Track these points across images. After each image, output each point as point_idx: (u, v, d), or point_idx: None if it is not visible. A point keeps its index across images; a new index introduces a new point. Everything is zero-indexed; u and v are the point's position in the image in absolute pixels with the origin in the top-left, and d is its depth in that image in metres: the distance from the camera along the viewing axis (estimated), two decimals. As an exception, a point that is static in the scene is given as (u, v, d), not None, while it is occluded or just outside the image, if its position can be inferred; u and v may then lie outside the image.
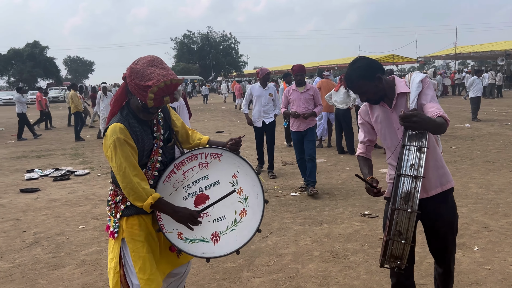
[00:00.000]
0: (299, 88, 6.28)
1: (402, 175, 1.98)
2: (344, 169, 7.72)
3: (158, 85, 2.15)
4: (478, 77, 14.59)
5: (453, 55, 37.01)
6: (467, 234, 4.39)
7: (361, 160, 2.75)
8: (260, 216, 2.46)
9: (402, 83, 2.50)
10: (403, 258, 2.04)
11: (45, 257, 4.30)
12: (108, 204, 2.48)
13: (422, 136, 2.09)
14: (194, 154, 2.51)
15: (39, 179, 7.97)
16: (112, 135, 2.25)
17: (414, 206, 1.94)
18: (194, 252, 2.46)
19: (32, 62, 56.94)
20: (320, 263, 3.90)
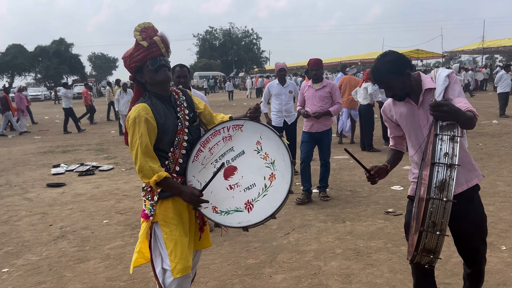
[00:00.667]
0: (315, 85, 5.70)
1: (436, 164, 1.92)
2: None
3: (135, 30, 2.39)
4: (507, 72, 14.18)
5: (480, 50, 36.09)
6: (494, 233, 4.28)
7: (390, 151, 2.81)
8: (290, 178, 2.45)
9: (429, 79, 2.46)
10: (437, 252, 1.97)
11: (71, 250, 4.40)
12: (144, 189, 2.54)
13: (454, 127, 2.05)
14: (217, 130, 2.59)
15: (65, 174, 8.15)
16: (135, 111, 2.36)
17: (450, 195, 1.88)
18: (230, 223, 2.50)
19: (58, 59, 58.23)
20: (343, 260, 3.87)
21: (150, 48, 2.38)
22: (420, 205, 2.30)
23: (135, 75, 2.50)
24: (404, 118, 2.53)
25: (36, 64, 60.39)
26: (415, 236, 2.11)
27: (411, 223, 2.47)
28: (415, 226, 2.26)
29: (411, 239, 2.35)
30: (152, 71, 2.42)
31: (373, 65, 2.47)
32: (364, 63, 45.38)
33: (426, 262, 2.06)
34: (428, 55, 43.29)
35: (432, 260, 2.03)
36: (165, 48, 2.45)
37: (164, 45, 2.43)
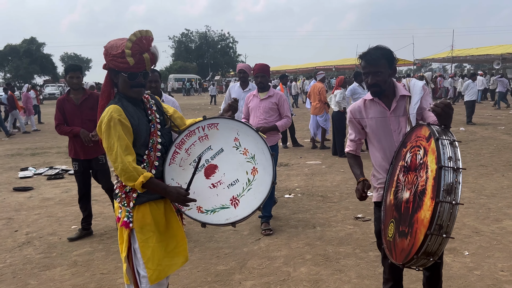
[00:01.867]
0: (260, 94, 4.91)
1: (443, 167, 1.94)
2: (338, 172, 7.74)
3: (130, 38, 2.23)
4: (473, 80, 14.68)
5: (450, 58, 37.18)
6: (458, 239, 4.41)
7: (351, 158, 2.83)
8: (272, 170, 2.51)
9: (402, 87, 2.57)
10: (436, 254, 1.99)
11: (36, 257, 4.30)
12: (118, 196, 2.47)
13: (448, 132, 2.11)
14: (192, 130, 2.56)
15: (33, 178, 7.95)
16: (107, 114, 2.28)
17: (457, 198, 1.90)
18: (218, 221, 2.49)
19: (29, 58, 56.81)
20: (312, 266, 3.91)
21: (135, 65, 2.28)
22: (396, 209, 2.31)
23: (108, 69, 2.40)
24: (375, 122, 2.58)
25: (5, 63, 58.73)
26: (406, 240, 2.11)
27: (381, 227, 2.51)
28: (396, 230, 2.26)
29: (387, 243, 2.38)
30: (128, 84, 2.36)
31: (366, 50, 2.52)
32: (338, 69, 46.05)
33: (420, 264, 2.07)
34: (400, 63, 43.96)
35: (427, 262, 2.04)
36: (151, 64, 2.37)
37: (151, 63, 2.36)
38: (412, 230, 2.07)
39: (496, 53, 32.10)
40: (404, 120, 2.52)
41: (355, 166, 2.76)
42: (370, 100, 2.63)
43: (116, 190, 2.49)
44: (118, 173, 2.29)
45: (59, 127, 4.68)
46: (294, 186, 6.82)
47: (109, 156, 2.30)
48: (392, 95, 2.55)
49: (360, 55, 2.55)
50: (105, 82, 2.44)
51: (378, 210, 2.68)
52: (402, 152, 2.41)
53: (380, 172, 2.66)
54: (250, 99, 5.01)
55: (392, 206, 2.38)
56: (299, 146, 10.68)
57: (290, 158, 9.27)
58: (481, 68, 42.31)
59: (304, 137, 11.99)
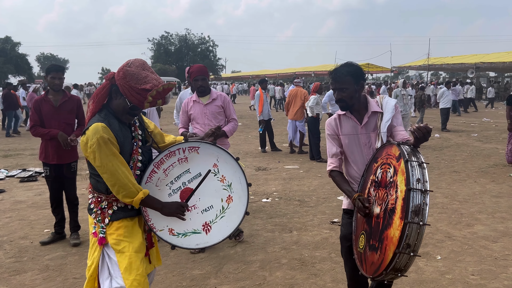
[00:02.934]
0: (201, 99, 4.43)
1: (412, 190, 2.02)
2: (316, 176, 7.80)
3: (157, 89, 2.26)
4: (448, 88, 15.03)
5: (426, 66, 37.99)
6: (431, 243, 4.50)
7: (337, 176, 2.73)
8: (246, 200, 2.55)
9: (374, 103, 2.67)
10: (404, 270, 2.08)
11: (6, 261, 4.18)
12: (93, 212, 2.43)
13: (417, 153, 2.19)
14: (172, 151, 2.53)
15: (4, 180, 7.74)
16: (95, 134, 2.24)
17: (424, 219, 2.00)
18: (188, 245, 2.51)
19: (3, 58, 55.27)
20: (288, 270, 3.93)
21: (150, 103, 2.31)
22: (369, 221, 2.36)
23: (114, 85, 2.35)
24: (347, 136, 2.68)
25: (-22, 62, 57.04)
26: (377, 254, 2.19)
27: (353, 237, 2.58)
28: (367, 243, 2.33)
29: (358, 254, 2.46)
30: (126, 109, 2.35)
31: (334, 69, 2.63)
32: (317, 75, 46.46)
33: (389, 278, 2.17)
34: (378, 69, 45.02)
35: (395, 277, 2.14)
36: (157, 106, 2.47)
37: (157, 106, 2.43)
38: (382, 245, 2.15)
39: (470, 62, 32.98)
40: (374, 135, 2.62)
41: (343, 183, 2.69)
42: (343, 115, 2.71)
43: (91, 205, 2.46)
44: (115, 190, 2.28)
45: (34, 128, 4.49)
46: (272, 190, 6.84)
47: (104, 175, 2.27)
48: (364, 110, 2.65)
49: (329, 71, 2.67)
50: (103, 90, 2.38)
51: (346, 217, 2.78)
52: (373, 167, 2.48)
53: (353, 182, 2.73)
54: (190, 106, 4.48)
55: (363, 218, 2.45)
56: (277, 151, 10.73)
57: (268, 162, 9.29)
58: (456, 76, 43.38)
59: (283, 142, 12.05)
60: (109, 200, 2.39)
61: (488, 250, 4.33)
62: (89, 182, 2.50)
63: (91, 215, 2.45)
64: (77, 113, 4.72)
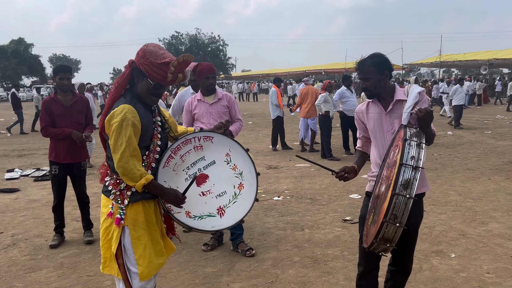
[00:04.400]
0: (207, 98, 4.32)
1: (403, 165, 2.16)
2: (327, 174, 7.76)
3: (178, 59, 2.37)
4: (461, 85, 14.90)
5: (438, 63, 37.57)
6: (445, 241, 4.46)
7: (357, 152, 3.06)
8: (256, 187, 2.76)
9: (401, 92, 2.75)
10: (393, 241, 2.18)
11: (22, 259, 4.24)
12: (111, 193, 2.50)
13: (420, 135, 2.34)
14: (188, 139, 2.67)
15: (19, 179, 7.85)
16: (121, 113, 2.34)
17: (412, 193, 2.11)
18: (204, 227, 2.63)
19: (17, 59, 56.00)
20: (300, 268, 3.92)
21: (172, 74, 2.40)
22: (377, 200, 2.51)
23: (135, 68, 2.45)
24: (372, 121, 2.79)
25: (-8, 63, 57.87)
26: (374, 227, 2.31)
27: (367, 216, 2.70)
28: (372, 219, 2.47)
29: (366, 230, 2.58)
30: (150, 90, 2.45)
31: (361, 59, 2.74)
32: (328, 73, 46.26)
33: (381, 249, 2.27)
34: (390, 67, 44.58)
35: (387, 248, 2.24)
36: (181, 81, 2.53)
37: (178, 81, 2.49)
38: (378, 218, 2.27)
39: (483, 58, 32.51)
40: (398, 121, 2.69)
41: (356, 158, 3.01)
42: (371, 101, 2.83)
43: (109, 187, 2.53)
44: (119, 172, 2.36)
45: (46, 129, 4.49)
46: (283, 188, 6.83)
47: (114, 154, 2.36)
48: (390, 99, 2.74)
49: (357, 62, 2.78)
50: (124, 76, 2.47)
51: (367, 199, 2.90)
52: (390, 151, 2.61)
53: (374, 166, 2.85)
54: (194, 105, 4.34)
55: (375, 198, 2.61)
56: (288, 149, 10.71)
57: (279, 160, 9.28)
58: (469, 73, 42.84)
59: (294, 140, 12.02)
60: None
61: (504, 248, 4.27)
62: (106, 165, 2.59)
63: (109, 196, 2.51)
64: (86, 113, 4.77)
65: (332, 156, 9.26)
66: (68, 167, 4.61)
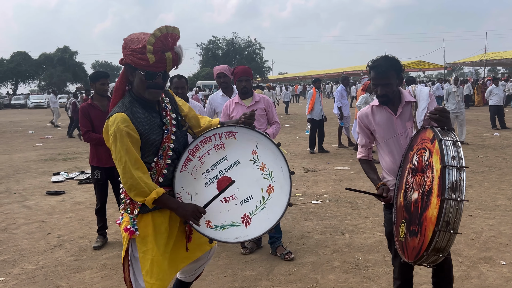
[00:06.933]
0: (244, 101, 4.32)
1: (447, 167, 2.02)
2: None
3: (154, 33, 2.06)
4: (496, 85, 14.37)
5: (482, 62, 36.12)
6: (494, 247, 4.24)
7: (365, 163, 2.93)
8: (289, 189, 2.35)
9: (407, 93, 2.69)
10: (445, 250, 2.06)
11: (67, 259, 4.38)
12: (122, 202, 2.37)
13: (450, 133, 2.20)
14: (207, 137, 2.39)
15: (64, 182, 8.15)
16: (114, 124, 2.14)
17: (462, 195, 1.98)
18: (226, 238, 2.34)
19: (62, 66, 58.50)
20: (340, 273, 3.83)
21: (155, 63, 2.11)
22: (405, 209, 2.40)
23: (125, 65, 2.24)
24: (382, 127, 2.70)
25: (40, 71, 60.71)
26: (416, 238, 2.18)
27: (394, 228, 2.59)
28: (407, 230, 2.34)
29: (399, 243, 2.45)
30: (144, 84, 2.19)
31: (375, 62, 2.59)
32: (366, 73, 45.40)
33: (431, 261, 2.15)
34: (431, 67, 43.40)
35: (437, 259, 2.12)
36: (173, 65, 2.21)
37: (173, 63, 2.20)
38: (422, 228, 2.14)
39: (532, 55, 31.00)
40: (410, 124, 2.62)
41: (370, 172, 2.86)
42: (377, 106, 2.72)
43: (121, 195, 2.39)
44: (127, 187, 2.19)
45: (87, 134, 4.59)
46: (322, 192, 6.74)
47: (118, 169, 2.18)
48: (397, 101, 2.66)
49: (370, 65, 2.61)
50: (120, 78, 2.30)
51: (387, 213, 2.79)
52: (409, 155, 2.50)
53: (389, 175, 2.75)
54: (232, 108, 4.32)
55: (403, 207, 2.46)
56: (325, 152, 10.56)
57: (317, 163, 9.18)
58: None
59: (332, 143, 11.86)
60: None
61: (559, 256, 4.01)
62: None
63: (121, 205, 2.38)
64: None
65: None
66: (109, 171, 4.72)
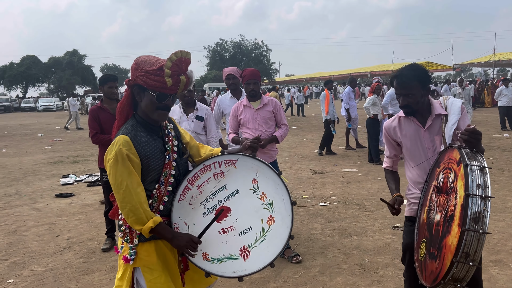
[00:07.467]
0: (252, 104, 4.31)
1: (471, 196, 1.90)
2: (375, 179, 7.57)
3: (170, 58, 2.09)
4: (506, 86, 14.26)
5: (492, 62, 35.84)
6: (504, 250, 4.20)
7: (388, 173, 2.85)
8: (290, 221, 2.24)
9: (438, 105, 2.55)
10: (464, 281, 1.95)
11: (76, 261, 4.41)
12: (121, 230, 2.27)
13: (478, 157, 2.05)
14: (207, 165, 2.32)
15: (73, 184, 8.21)
16: (113, 147, 2.09)
17: (485, 227, 1.86)
18: (223, 272, 2.24)
19: (71, 70, 59.13)
20: (349, 276, 3.82)
21: (171, 86, 2.12)
22: (427, 228, 2.29)
23: (133, 85, 2.19)
24: (409, 139, 2.60)
25: (49, 74, 61.40)
26: (435, 262, 2.08)
27: (415, 245, 2.47)
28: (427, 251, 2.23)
29: (419, 262, 2.35)
30: (154, 105, 2.16)
31: (398, 71, 2.52)
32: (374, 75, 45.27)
33: None
34: (439, 68, 43.11)
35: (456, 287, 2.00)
36: (185, 88, 2.21)
37: (185, 86, 2.19)
38: (441, 254, 2.05)
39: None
40: (439, 138, 2.51)
41: (390, 181, 2.80)
42: (404, 117, 2.62)
43: (120, 221, 2.30)
44: (125, 213, 2.09)
45: (96, 136, 4.63)
46: (329, 194, 6.72)
47: (116, 194, 2.10)
48: (427, 113, 2.54)
49: (393, 75, 2.56)
50: (125, 100, 2.24)
51: (409, 225, 2.69)
52: (435, 171, 2.38)
53: (412, 187, 2.66)
54: (240, 110, 4.34)
55: (425, 225, 2.36)
56: (332, 154, 10.53)
57: (324, 165, 9.15)
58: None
59: (339, 144, 11.83)
60: None
61: None
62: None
63: (120, 233, 2.30)
64: None
65: (381, 160, 9.01)
66: None
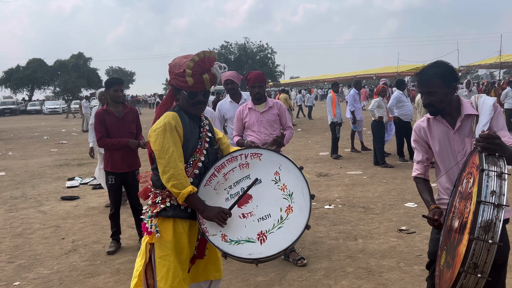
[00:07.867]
0: (257, 106, 4.35)
1: (482, 202, 1.80)
2: (381, 182, 7.54)
3: (193, 59, 2.29)
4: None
5: (498, 64, 35.66)
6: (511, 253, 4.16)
7: (420, 183, 2.60)
8: (308, 212, 2.38)
9: (468, 105, 2.40)
10: None
11: (81, 264, 4.42)
12: (147, 204, 2.51)
13: (499, 161, 1.94)
14: (234, 156, 2.53)
15: (79, 187, 8.24)
16: (164, 119, 2.33)
17: (495, 237, 1.76)
18: (240, 254, 2.34)
19: (76, 72, 59.44)
20: (354, 279, 3.80)
21: (194, 85, 2.34)
22: (449, 235, 2.19)
23: (172, 87, 2.50)
24: (438, 142, 2.46)
25: (55, 77, 61.76)
26: (449, 272, 2.00)
27: (439, 252, 2.36)
28: (445, 258, 2.15)
29: (439, 270, 2.25)
30: (189, 102, 2.43)
31: (422, 70, 2.40)
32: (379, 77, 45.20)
33: None
34: (445, 70, 42.95)
35: None
36: (211, 84, 2.41)
37: (211, 83, 2.39)
38: (454, 262, 1.96)
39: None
40: (469, 140, 2.35)
41: (424, 192, 2.55)
42: (433, 118, 2.49)
43: (149, 201, 2.51)
44: (167, 177, 2.27)
45: (102, 139, 4.64)
46: (334, 196, 6.70)
47: (160, 159, 2.29)
48: (456, 114, 2.39)
49: (416, 73, 2.45)
50: (168, 96, 2.55)
51: (435, 232, 2.53)
52: (462, 176, 2.26)
53: (442, 192, 2.53)
54: (245, 113, 4.36)
55: (447, 232, 2.27)
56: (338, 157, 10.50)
57: (329, 168, 9.14)
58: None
59: (344, 147, 11.80)
60: (163, 195, 2.41)
61: None
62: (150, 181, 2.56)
63: (145, 207, 2.51)
64: (136, 123, 4.95)
65: (386, 163, 8.99)
66: (123, 176, 4.76)
